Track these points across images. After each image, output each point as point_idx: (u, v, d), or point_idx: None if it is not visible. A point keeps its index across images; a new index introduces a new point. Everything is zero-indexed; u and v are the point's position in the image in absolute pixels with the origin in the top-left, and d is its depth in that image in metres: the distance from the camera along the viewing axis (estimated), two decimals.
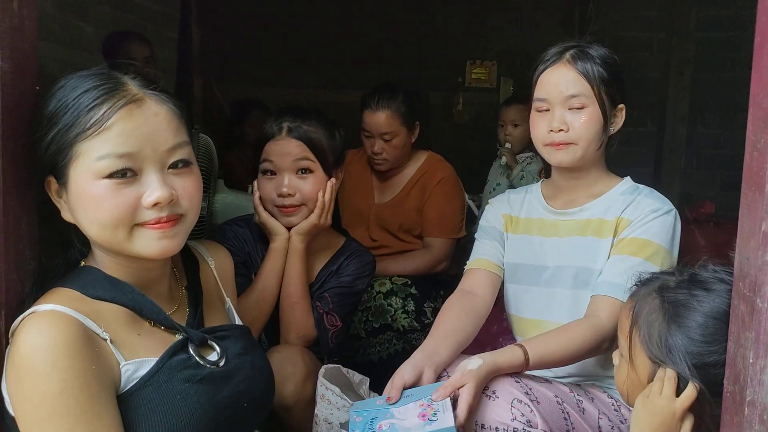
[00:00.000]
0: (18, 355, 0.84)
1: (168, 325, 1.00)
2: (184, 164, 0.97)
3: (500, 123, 3.02)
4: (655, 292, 1.02)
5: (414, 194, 2.25)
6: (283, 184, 1.53)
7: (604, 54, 1.36)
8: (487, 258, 1.48)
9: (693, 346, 0.95)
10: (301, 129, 1.54)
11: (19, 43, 0.96)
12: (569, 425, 1.21)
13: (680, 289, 1.00)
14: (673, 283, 1.03)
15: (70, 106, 0.90)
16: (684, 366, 0.94)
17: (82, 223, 0.94)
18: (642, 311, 1.02)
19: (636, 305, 1.03)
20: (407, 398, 1.14)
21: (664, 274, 1.08)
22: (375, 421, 1.09)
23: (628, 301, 1.08)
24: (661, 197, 1.38)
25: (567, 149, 1.34)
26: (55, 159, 0.92)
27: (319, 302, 1.59)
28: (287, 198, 1.53)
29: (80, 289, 0.94)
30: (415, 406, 1.10)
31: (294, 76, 4.59)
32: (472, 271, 1.49)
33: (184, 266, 1.13)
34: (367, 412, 1.14)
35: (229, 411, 0.99)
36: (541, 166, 2.93)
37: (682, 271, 1.06)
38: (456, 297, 1.43)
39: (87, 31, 3.11)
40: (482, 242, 1.52)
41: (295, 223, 1.55)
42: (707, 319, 0.96)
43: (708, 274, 1.02)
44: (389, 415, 1.10)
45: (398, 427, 1.06)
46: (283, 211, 1.54)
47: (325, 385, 1.25)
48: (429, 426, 1.04)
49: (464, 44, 4.62)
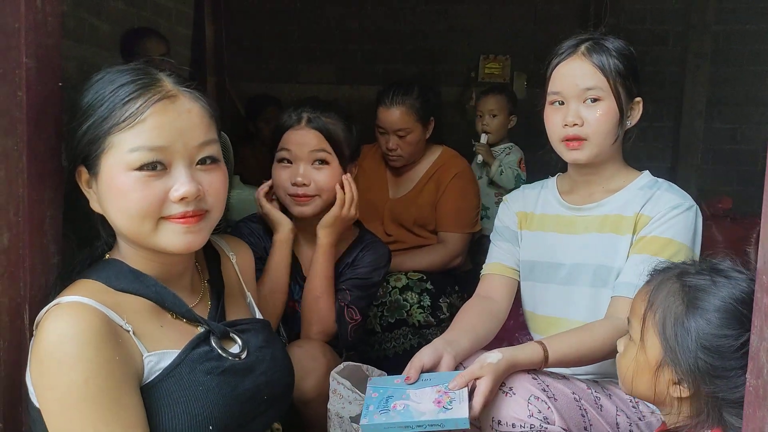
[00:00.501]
0: (42, 345, 0.86)
1: (190, 318, 1.01)
2: (212, 161, 0.99)
3: (478, 113, 2.99)
4: (674, 277, 1.02)
5: (429, 189, 2.25)
6: (298, 173, 1.54)
7: (620, 46, 1.34)
8: (502, 262, 1.48)
9: (708, 328, 0.94)
10: (320, 120, 1.55)
11: (44, 39, 0.97)
12: (587, 422, 1.20)
13: (701, 274, 1.00)
14: (692, 269, 1.03)
15: (106, 98, 0.93)
16: (695, 350, 0.94)
17: (110, 213, 0.96)
18: (660, 294, 1.01)
19: (653, 288, 1.03)
20: (425, 381, 1.14)
21: (682, 264, 1.08)
22: (390, 399, 1.10)
23: (645, 285, 1.07)
24: (682, 192, 1.35)
25: (582, 147, 1.32)
26: (88, 149, 0.94)
27: (339, 295, 1.59)
28: (301, 187, 1.54)
29: (104, 281, 0.95)
30: (432, 391, 1.11)
31: (307, 72, 4.60)
32: (488, 276, 1.49)
33: (206, 260, 1.14)
34: (383, 389, 1.14)
35: (250, 403, 1.00)
36: (520, 156, 2.89)
37: (701, 262, 1.06)
38: (474, 301, 1.44)
39: (102, 28, 3.13)
40: (496, 245, 1.51)
41: (306, 213, 1.55)
42: (725, 302, 0.95)
43: (726, 265, 1.01)
44: (405, 396, 1.11)
45: (412, 410, 1.07)
46: (296, 200, 1.55)
47: (337, 380, 1.25)
48: (443, 414, 1.05)
49: (478, 38, 4.59)
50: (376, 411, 1.08)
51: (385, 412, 1.07)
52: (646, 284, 1.07)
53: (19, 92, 0.93)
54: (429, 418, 1.04)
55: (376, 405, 1.09)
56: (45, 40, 0.97)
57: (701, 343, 0.94)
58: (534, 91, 4.61)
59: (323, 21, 4.59)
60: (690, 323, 0.96)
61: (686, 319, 0.96)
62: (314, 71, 4.62)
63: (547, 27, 4.43)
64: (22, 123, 0.94)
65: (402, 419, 1.05)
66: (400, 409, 1.07)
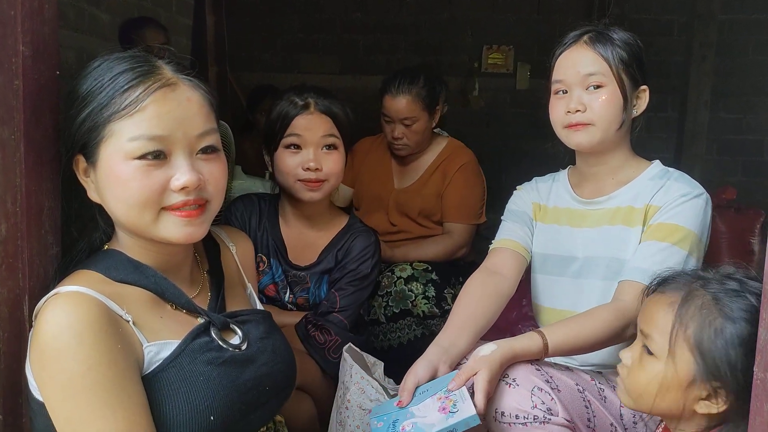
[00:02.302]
0: (42, 336, 0.85)
1: (190, 309, 1.00)
2: (212, 150, 0.98)
3: None
4: (700, 288, 0.97)
5: (434, 179, 2.24)
6: (309, 158, 1.55)
7: (624, 36, 1.34)
8: (514, 239, 1.45)
9: (744, 332, 0.91)
10: (328, 105, 1.58)
11: (40, 27, 0.96)
12: (590, 413, 1.19)
13: (727, 280, 0.96)
14: (713, 277, 0.98)
15: (105, 85, 0.92)
16: (736, 360, 0.90)
17: (109, 203, 0.94)
18: (689, 308, 0.95)
19: (681, 303, 0.96)
20: (423, 394, 1.12)
21: (697, 273, 1.02)
22: (397, 423, 1.08)
23: (663, 298, 1.00)
24: (692, 181, 1.34)
25: (585, 130, 1.31)
26: (87, 137, 0.92)
27: (326, 300, 1.60)
28: (314, 172, 1.55)
29: (103, 271, 0.94)
30: (433, 401, 1.09)
31: (309, 62, 4.58)
32: (498, 250, 1.45)
33: (206, 251, 1.13)
34: (387, 415, 1.12)
35: (252, 393, 0.99)
36: None
37: (714, 270, 1.01)
38: (479, 277, 1.39)
39: (102, 18, 3.12)
40: (510, 223, 1.48)
41: (317, 199, 1.58)
42: (757, 299, 0.92)
43: (741, 273, 0.97)
44: (409, 415, 1.09)
45: (421, 425, 1.04)
46: (308, 185, 1.57)
47: (360, 374, 1.25)
48: (451, 419, 1.02)
49: (480, 29, 4.56)
50: None
51: None
52: (662, 295, 1.01)
53: (16, 81, 0.92)
54: (439, 428, 1.02)
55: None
56: (42, 28, 0.96)
57: (745, 352, 0.89)
58: (537, 82, 4.59)
59: (326, 11, 4.57)
60: (731, 334, 0.91)
61: (726, 330, 0.92)
62: (316, 61, 4.60)
63: (551, 17, 4.40)
64: (19, 112, 0.93)
65: None
66: (410, 429, 1.05)
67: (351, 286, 1.61)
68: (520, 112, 4.68)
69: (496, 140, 4.51)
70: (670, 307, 0.97)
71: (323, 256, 1.65)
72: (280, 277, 1.65)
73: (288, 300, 1.67)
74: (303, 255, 1.66)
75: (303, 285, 1.66)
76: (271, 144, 1.61)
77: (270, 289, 1.67)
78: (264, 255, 1.66)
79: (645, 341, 1.00)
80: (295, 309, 1.68)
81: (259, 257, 1.66)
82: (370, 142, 2.38)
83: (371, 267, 1.64)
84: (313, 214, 1.66)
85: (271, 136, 1.60)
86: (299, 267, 1.66)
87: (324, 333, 1.55)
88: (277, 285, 1.66)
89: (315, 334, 1.55)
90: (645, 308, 1.04)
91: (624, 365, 1.04)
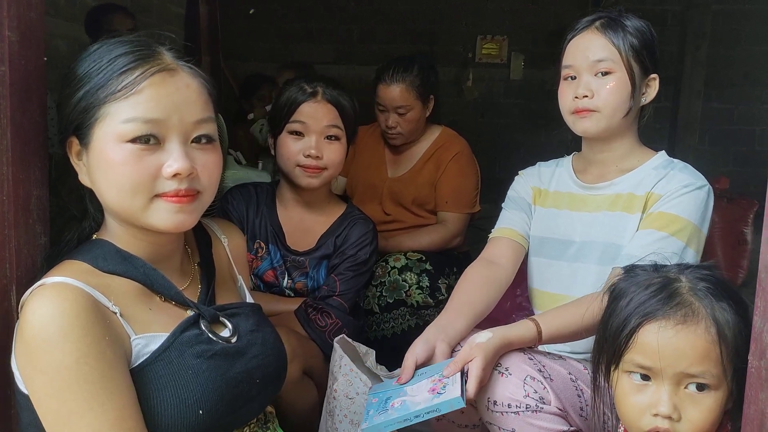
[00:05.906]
0: (28, 328, 0.83)
1: (179, 301, 0.99)
2: (208, 140, 0.96)
3: None
4: (722, 300, 0.91)
5: (428, 168, 2.24)
6: (311, 145, 1.58)
7: (637, 23, 1.34)
8: (513, 228, 1.46)
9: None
10: (336, 96, 1.61)
11: (26, 13, 0.94)
12: (582, 402, 1.20)
13: (727, 287, 0.93)
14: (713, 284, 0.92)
15: (103, 67, 0.91)
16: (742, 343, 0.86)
17: (100, 187, 0.93)
18: (727, 325, 0.89)
19: (716, 325, 0.89)
20: (420, 376, 1.15)
21: (704, 283, 0.93)
22: (389, 400, 1.12)
23: (688, 332, 0.89)
24: (696, 172, 1.33)
25: (591, 117, 1.31)
26: (81, 117, 0.91)
27: (326, 285, 1.62)
28: (315, 159, 1.58)
29: (91, 261, 0.93)
30: (427, 383, 1.12)
31: (302, 51, 4.55)
32: (496, 239, 1.47)
33: (197, 243, 1.12)
34: (383, 392, 1.16)
35: (242, 387, 0.98)
36: None
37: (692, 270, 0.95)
38: (477, 266, 1.42)
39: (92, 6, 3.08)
40: (509, 212, 1.50)
41: (314, 185, 1.61)
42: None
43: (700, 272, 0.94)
44: (402, 393, 1.12)
45: (409, 403, 1.08)
46: (307, 171, 1.59)
47: (350, 366, 1.26)
48: (437, 399, 1.05)
49: (475, 19, 4.54)
50: (376, 413, 1.09)
51: (384, 412, 1.08)
52: (685, 328, 0.89)
53: (2, 67, 0.91)
54: (424, 406, 1.05)
55: (376, 408, 1.11)
56: (28, 13, 0.94)
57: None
58: (531, 72, 4.58)
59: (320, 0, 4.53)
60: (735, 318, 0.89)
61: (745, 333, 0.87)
62: (310, 51, 4.57)
63: (546, 7, 4.39)
64: (5, 98, 0.91)
65: (399, 414, 1.06)
66: (398, 405, 1.08)
67: (350, 272, 1.63)
68: (514, 102, 4.68)
69: (490, 130, 4.50)
70: (707, 333, 0.89)
71: (322, 241, 1.67)
72: (279, 262, 1.67)
73: (286, 285, 1.69)
74: (301, 240, 1.68)
75: (302, 269, 1.67)
76: (276, 127, 1.64)
77: (269, 275, 1.69)
78: (263, 241, 1.68)
79: (691, 381, 0.90)
80: (293, 295, 1.69)
81: (257, 243, 1.68)
82: (363, 131, 2.37)
83: (369, 253, 1.67)
84: (312, 200, 1.68)
85: (277, 120, 1.63)
86: (297, 252, 1.68)
87: (324, 316, 1.58)
88: (276, 270, 1.68)
89: (316, 317, 1.58)
90: (666, 352, 0.89)
91: (671, 420, 0.89)
